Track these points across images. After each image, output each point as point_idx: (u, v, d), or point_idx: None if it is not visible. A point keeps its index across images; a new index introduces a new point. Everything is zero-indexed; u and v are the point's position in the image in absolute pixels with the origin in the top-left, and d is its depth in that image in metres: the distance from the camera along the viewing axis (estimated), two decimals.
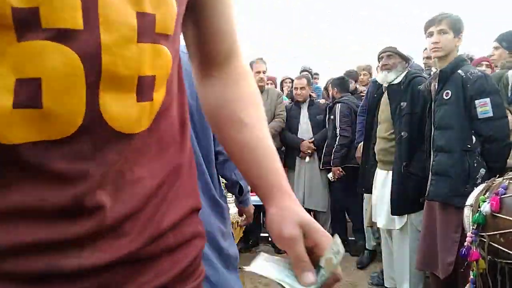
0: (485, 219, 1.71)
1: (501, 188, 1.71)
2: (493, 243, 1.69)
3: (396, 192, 2.72)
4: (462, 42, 2.38)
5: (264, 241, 4.55)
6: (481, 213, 1.71)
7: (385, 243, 3.01)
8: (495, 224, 1.69)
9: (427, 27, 2.40)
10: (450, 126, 2.29)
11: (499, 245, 1.67)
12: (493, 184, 1.81)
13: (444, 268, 2.28)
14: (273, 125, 4.13)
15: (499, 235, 1.67)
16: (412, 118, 2.69)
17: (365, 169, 3.18)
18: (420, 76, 2.80)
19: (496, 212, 1.67)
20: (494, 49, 3.10)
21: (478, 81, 2.23)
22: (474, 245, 1.77)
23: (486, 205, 1.70)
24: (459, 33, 2.36)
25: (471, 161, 2.22)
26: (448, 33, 2.32)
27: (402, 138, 2.71)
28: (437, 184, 2.30)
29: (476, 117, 2.23)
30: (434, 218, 2.38)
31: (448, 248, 2.25)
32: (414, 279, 2.75)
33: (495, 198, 1.69)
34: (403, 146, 2.70)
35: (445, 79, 2.33)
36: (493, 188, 1.77)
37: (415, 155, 2.68)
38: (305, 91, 4.17)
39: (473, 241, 1.76)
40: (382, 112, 2.96)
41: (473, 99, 2.23)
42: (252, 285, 3.31)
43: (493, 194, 1.72)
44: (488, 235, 1.71)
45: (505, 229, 1.64)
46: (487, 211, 1.69)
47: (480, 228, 1.73)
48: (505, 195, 1.68)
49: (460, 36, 2.37)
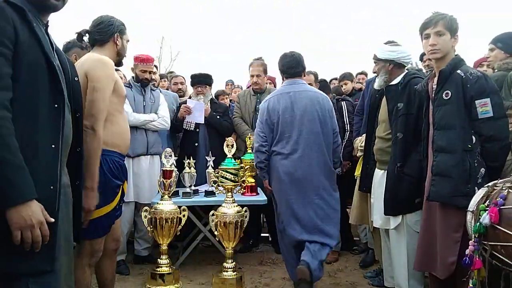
0: (486, 229, 1.72)
1: (500, 198, 1.71)
2: (495, 253, 1.70)
3: (389, 193, 2.73)
4: (458, 42, 2.38)
5: (264, 241, 4.56)
6: (482, 224, 1.72)
7: (384, 242, 3.02)
8: (496, 235, 1.69)
9: (423, 29, 2.39)
10: (450, 126, 2.29)
11: (501, 255, 1.68)
12: (494, 190, 1.81)
13: (445, 268, 2.28)
14: None
15: (500, 246, 1.67)
16: (408, 119, 2.70)
17: (366, 168, 3.20)
18: (418, 77, 2.80)
19: (496, 223, 1.68)
20: (490, 51, 3.11)
21: (478, 81, 2.24)
22: (476, 254, 1.77)
23: (485, 216, 1.71)
24: (455, 33, 2.36)
25: (471, 161, 2.23)
26: (445, 34, 2.33)
27: (397, 139, 2.72)
28: (438, 184, 2.29)
29: (477, 117, 2.24)
30: (434, 218, 2.38)
31: (449, 248, 2.25)
32: (413, 279, 2.76)
33: (494, 209, 1.69)
34: (398, 147, 2.71)
35: (444, 79, 2.33)
36: (493, 197, 1.77)
37: (410, 156, 2.69)
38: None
39: (476, 249, 1.77)
40: (382, 112, 2.98)
41: (474, 99, 2.24)
42: (253, 284, 3.32)
43: (492, 204, 1.72)
44: (490, 244, 1.71)
45: (505, 241, 1.65)
46: (487, 222, 1.70)
47: (482, 237, 1.74)
48: (504, 206, 1.68)
49: (456, 36, 2.37)
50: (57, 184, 1.48)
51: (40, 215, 1.36)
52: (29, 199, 1.34)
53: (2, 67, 1.34)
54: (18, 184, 1.32)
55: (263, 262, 3.86)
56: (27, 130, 1.40)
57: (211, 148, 3.98)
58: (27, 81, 1.41)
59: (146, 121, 3.67)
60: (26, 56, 1.40)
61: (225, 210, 3.09)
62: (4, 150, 1.30)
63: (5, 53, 1.35)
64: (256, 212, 4.13)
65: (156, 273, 3.10)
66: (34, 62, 1.43)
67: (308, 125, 3.05)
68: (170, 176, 3.17)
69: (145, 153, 3.70)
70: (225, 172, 3.17)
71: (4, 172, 1.30)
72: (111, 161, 2.27)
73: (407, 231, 2.74)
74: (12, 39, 1.37)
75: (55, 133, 1.48)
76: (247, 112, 4.28)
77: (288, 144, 3.04)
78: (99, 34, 2.32)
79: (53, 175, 1.46)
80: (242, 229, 3.13)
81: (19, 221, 1.32)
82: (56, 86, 1.49)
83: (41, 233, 1.37)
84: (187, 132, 4.17)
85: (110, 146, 2.27)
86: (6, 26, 1.36)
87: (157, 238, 3.15)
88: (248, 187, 3.56)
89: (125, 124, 2.42)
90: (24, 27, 1.41)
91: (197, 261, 3.89)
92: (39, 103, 1.43)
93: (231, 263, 3.15)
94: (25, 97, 1.40)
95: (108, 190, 2.23)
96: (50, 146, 1.46)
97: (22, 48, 1.39)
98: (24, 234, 1.33)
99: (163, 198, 3.16)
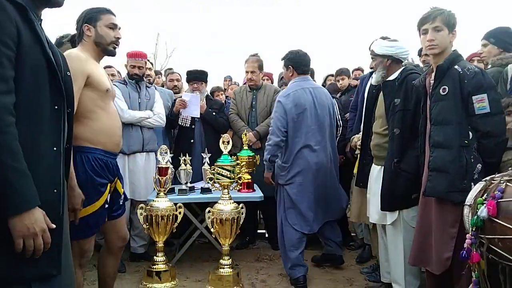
0: (483, 222, 1.72)
1: (498, 191, 1.71)
2: (492, 246, 1.70)
3: (386, 188, 2.74)
4: (456, 37, 2.38)
5: (261, 238, 4.56)
6: (479, 217, 1.72)
7: (381, 238, 3.02)
8: (493, 228, 1.69)
9: (420, 24, 2.38)
10: (447, 122, 2.28)
11: (498, 248, 1.68)
12: (491, 184, 1.81)
13: (440, 263, 2.28)
14: (268, 121, 4.12)
15: (497, 239, 1.68)
16: (405, 115, 2.69)
17: (363, 164, 3.20)
18: (415, 72, 2.79)
19: (493, 216, 1.68)
20: (483, 46, 3.11)
21: (475, 77, 2.23)
22: (474, 247, 1.78)
23: (483, 209, 1.71)
24: (453, 28, 2.36)
25: (468, 156, 2.23)
26: (443, 29, 2.32)
27: (394, 134, 2.71)
28: (434, 180, 2.29)
29: (474, 113, 2.23)
30: (429, 213, 2.39)
31: (445, 243, 2.26)
32: (409, 274, 2.77)
33: (492, 202, 1.69)
34: (395, 142, 2.71)
35: (442, 74, 2.32)
36: (491, 190, 1.77)
37: (406, 152, 2.68)
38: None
39: (473, 243, 1.77)
40: (378, 108, 2.98)
41: (471, 95, 2.23)
42: (249, 281, 3.31)
43: (490, 197, 1.72)
44: (487, 237, 1.72)
45: (502, 234, 1.65)
46: (484, 216, 1.70)
47: (479, 231, 1.74)
48: (502, 199, 1.69)
49: (454, 32, 2.36)
50: (60, 187, 1.45)
51: (43, 222, 1.33)
52: (33, 207, 1.30)
53: (6, 70, 1.29)
54: (22, 191, 1.28)
55: (259, 259, 3.86)
56: (30, 133, 1.36)
57: (207, 145, 3.97)
58: (29, 83, 1.37)
59: (141, 118, 3.65)
60: (28, 57, 1.36)
61: (221, 207, 3.08)
62: (9, 156, 1.26)
63: (8, 55, 1.30)
64: (252, 209, 4.13)
65: (152, 271, 3.08)
66: (36, 63, 1.39)
67: (326, 118, 3.39)
68: (166, 173, 3.15)
69: (141, 150, 3.69)
70: (221, 169, 3.16)
71: (9, 178, 1.25)
72: (93, 158, 2.20)
73: (403, 227, 2.74)
74: (15, 40, 1.32)
75: (57, 135, 1.45)
76: (243, 108, 4.27)
77: (315, 137, 3.30)
78: (76, 31, 2.28)
79: (56, 178, 1.44)
80: (239, 225, 3.12)
81: (22, 229, 1.28)
82: (56, 87, 1.46)
83: (43, 241, 1.33)
84: (183, 129, 4.15)
85: (91, 143, 2.19)
86: (9, 26, 1.31)
87: (153, 235, 3.13)
88: (244, 183, 3.55)
89: (110, 121, 2.29)
90: (25, 27, 1.36)
91: (193, 258, 3.88)
92: (41, 105, 1.40)
93: (227, 260, 3.14)
94: (28, 99, 1.36)
95: (90, 189, 2.16)
96: (52, 149, 1.43)
97: (24, 49, 1.35)
98: (26, 242, 1.30)
99: (159, 195, 3.14)
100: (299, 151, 3.28)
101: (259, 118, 4.20)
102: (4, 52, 1.29)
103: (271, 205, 4.16)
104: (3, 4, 1.31)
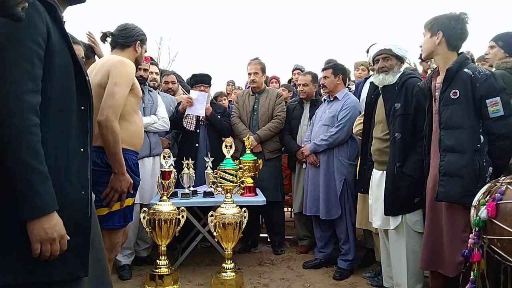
0: (484, 223, 1.75)
1: (498, 193, 1.74)
2: (492, 246, 1.74)
3: (389, 193, 2.73)
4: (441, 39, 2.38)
5: (263, 241, 4.56)
6: (480, 218, 1.75)
7: (383, 243, 3.02)
8: (492, 229, 1.73)
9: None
10: (459, 126, 2.27)
11: (497, 248, 1.71)
12: (495, 185, 1.83)
13: (453, 267, 2.27)
14: (269, 125, 4.12)
15: (496, 239, 1.71)
16: (405, 119, 2.70)
17: (363, 169, 3.19)
18: (414, 76, 2.80)
19: (492, 217, 1.71)
20: (490, 48, 3.10)
21: (487, 80, 2.23)
22: (476, 247, 1.80)
23: (483, 210, 1.74)
24: (436, 31, 2.37)
25: (481, 160, 2.22)
26: (425, 35, 2.38)
27: (395, 139, 2.71)
28: (447, 185, 2.26)
29: (488, 117, 2.23)
30: (439, 217, 2.37)
31: (457, 247, 2.23)
32: (412, 279, 2.76)
33: (491, 203, 1.72)
34: (397, 147, 2.71)
35: (451, 78, 2.32)
36: (493, 192, 1.79)
37: (408, 156, 2.69)
38: (307, 88, 4.12)
39: (475, 243, 1.80)
40: (378, 112, 2.98)
41: (484, 99, 2.23)
42: (252, 285, 3.31)
43: (491, 199, 1.76)
44: (488, 238, 1.75)
45: (500, 235, 1.69)
46: (484, 216, 1.73)
47: (481, 231, 1.77)
48: (501, 200, 1.72)
49: (438, 34, 2.37)
50: (87, 189, 1.43)
51: (62, 228, 1.29)
52: (52, 212, 1.27)
53: (35, 69, 1.25)
54: (42, 194, 1.24)
55: (262, 263, 3.86)
56: (59, 134, 1.34)
57: (211, 149, 3.97)
58: (59, 83, 1.34)
59: (147, 123, 3.63)
60: (58, 57, 1.34)
61: (224, 211, 3.09)
62: (33, 157, 1.22)
63: (40, 54, 1.27)
64: (255, 213, 4.13)
65: (155, 274, 3.09)
66: (64, 63, 1.37)
67: None
68: (169, 177, 3.16)
69: (148, 155, 3.69)
70: (224, 172, 3.17)
71: (30, 179, 1.21)
72: (130, 159, 2.38)
73: (406, 231, 2.74)
74: (45, 39, 1.29)
75: (84, 136, 1.44)
76: (245, 112, 4.27)
77: None
78: (122, 38, 2.48)
79: (83, 179, 1.41)
80: (241, 229, 3.13)
81: (40, 233, 1.24)
82: (83, 87, 1.45)
83: (59, 247, 1.29)
84: (187, 133, 4.15)
85: (128, 145, 2.37)
86: (41, 25, 1.28)
87: (156, 239, 3.14)
88: (247, 187, 3.56)
89: (141, 124, 2.56)
90: (54, 26, 1.34)
91: (196, 262, 3.88)
92: (70, 106, 1.38)
93: (230, 264, 3.15)
94: (57, 99, 1.34)
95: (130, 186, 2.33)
96: (79, 150, 1.41)
97: (55, 48, 1.32)
98: (43, 247, 1.25)
99: (162, 199, 3.16)
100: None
101: (260, 122, 4.18)
102: (35, 51, 1.26)
103: (273, 209, 4.17)
104: (36, 3, 1.29)
